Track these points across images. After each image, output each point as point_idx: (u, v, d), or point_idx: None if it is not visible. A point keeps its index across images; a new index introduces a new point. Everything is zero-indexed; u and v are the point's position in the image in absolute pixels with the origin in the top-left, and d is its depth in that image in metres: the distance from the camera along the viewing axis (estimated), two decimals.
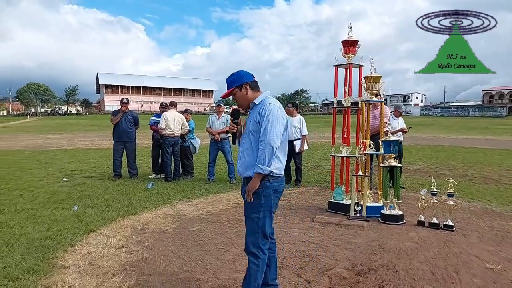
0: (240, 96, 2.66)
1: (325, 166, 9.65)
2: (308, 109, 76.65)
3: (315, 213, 5.12)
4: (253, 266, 2.61)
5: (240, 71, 2.71)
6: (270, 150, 2.46)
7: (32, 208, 5.31)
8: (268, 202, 2.60)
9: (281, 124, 2.54)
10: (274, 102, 2.61)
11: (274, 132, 2.47)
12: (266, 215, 2.60)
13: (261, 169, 2.47)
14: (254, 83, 2.68)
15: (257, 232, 2.60)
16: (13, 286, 2.95)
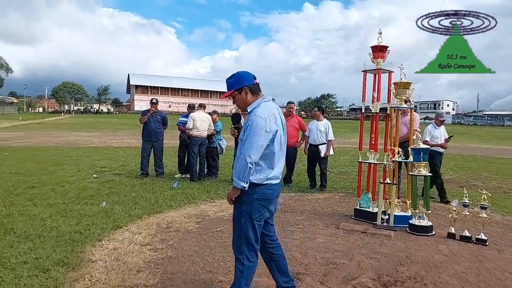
0: (239, 99, 2.61)
1: (351, 173, 9.49)
2: (334, 113, 75.74)
3: (340, 220, 5.03)
4: (237, 272, 2.58)
5: (241, 72, 2.63)
6: (243, 165, 2.39)
7: (63, 203, 5.50)
8: (249, 208, 2.50)
9: (262, 137, 2.41)
10: (260, 112, 2.46)
11: (252, 147, 2.39)
12: (247, 222, 2.52)
13: (235, 182, 2.44)
14: (255, 86, 2.60)
15: (241, 238, 2.56)
16: (44, 277, 3.06)
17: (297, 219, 5.10)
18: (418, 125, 6.19)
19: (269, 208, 2.61)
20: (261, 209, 2.54)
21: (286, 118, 7.52)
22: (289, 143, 7.42)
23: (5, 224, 4.39)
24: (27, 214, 4.85)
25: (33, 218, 4.69)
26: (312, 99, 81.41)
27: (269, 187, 2.55)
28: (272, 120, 2.48)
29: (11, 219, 4.58)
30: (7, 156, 11.07)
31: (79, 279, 3.07)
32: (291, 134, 7.45)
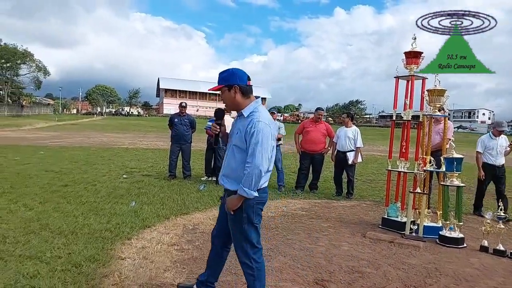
0: (227, 97, 2.48)
1: (379, 181, 9.30)
2: (362, 120, 74.46)
3: (366, 229, 4.94)
4: (249, 277, 2.56)
5: (235, 69, 2.51)
6: (257, 174, 2.33)
7: (94, 201, 5.71)
8: (250, 214, 2.48)
9: (270, 145, 2.38)
10: (263, 118, 2.38)
11: (264, 156, 2.33)
12: (249, 227, 2.50)
13: (246, 192, 2.35)
14: (247, 88, 2.46)
15: (244, 244, 2.54)
16: (76, 271, 3.19)
17: (322, 226, 5.05)
18: (452, 134, 6.00)
19: (262, 210, 2.63)
20: (259, 212, 2.57)
21: (314, 124, 7.48)
22: (316, 149, 7.39)
23: (41, 220, 4.60)
24: (61, 211, 5.07)
25: (67, 215, 4.89)
26: (340, 106, 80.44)
27: (265, 190, 2.56)
28: (273, 126, 2.46)
29: (46, 215, 4.80)
30: (43, 155, 11.60)
31: (108, 275, 3.18)
32: (318, 140, 7.40)
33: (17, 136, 20.78)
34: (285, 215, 5.52)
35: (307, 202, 6.59)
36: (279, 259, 3.74)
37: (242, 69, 2.51)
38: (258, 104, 2.49)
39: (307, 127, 7.53)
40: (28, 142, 16.26)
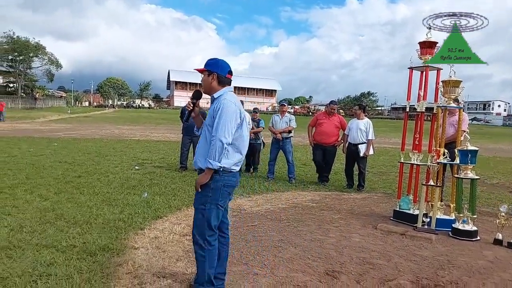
0: (205, 80, 2.70)
1: (390, 173, 9.23)
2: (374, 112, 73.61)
3: (377, 221, 4.92)
4: (200, 258, 2.66)
5: (221, 61, 2.73)
6: (220, 146, 2.47)
7: (107, 192, 5.80)
8: (216, 195, 2.60)
9: (233, 120, 2.54)
10: (230, 98, 2.61)
11: (226, 128, 2.49)
12: (212, 208, 2.61)
13: (211, 164, 2.48)
14: (224, 79, 2.69)
15: (203, 224, 2.62)
16: (91, 260, 3.25)
17: (333, 217, 5.05)
18: (467, 126, 5.90)
19: (231, 195, 2.74)
20: (226, 196, 2.68)
21: (327, 117, 7.44)
22: (328, 141, 7.35)
23: (56, 210, 4.70)
24: (75, 201, 5.16)
25: (81, 205, 4.98)
26: (351, 97, 79.61)
27: (234, 175, 2.66)
28: (239, 106, 2.63)
29: (61, 206, 4.89)
30: (56, 146, 11.80)
31: (122, 264, 3.24)
32: (331, 133, 7.36)
33: (32, 128, 21.15)
34: (296, 207, 5.53)
35: (317, 194, 6.58)
36: (290, 250, 3.76)
37: (227, 63, 2.73)
38: (229, 89, 2.70)
39: (320, 120, 7.50)
40: (42, 134, 16.54)
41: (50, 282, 2.81)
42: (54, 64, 58.20)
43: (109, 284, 2.87)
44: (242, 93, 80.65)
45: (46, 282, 2.81)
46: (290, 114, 8.01)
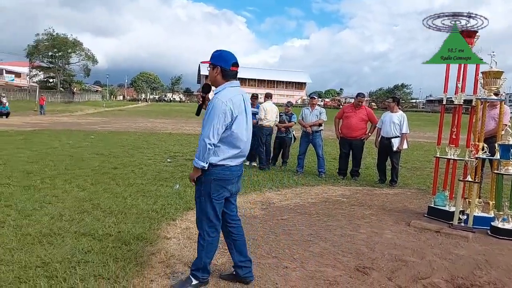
0: (210, 73, 2.69)
1: (425, 168, 8.92)
2: (408, 105, 71.21)
3: (411, 217, 4.79)
4: (199, 246, 2.74)
5: (225, 53, 2.68)
6: (203, 146, 2.49)
7: (141, 183, 5.98)
8: (207, 188, 2.63)
9: (221, 121, 2.50)
10: (222, 96, 2.55)
11: (212, 129, 2.48)
12: (206, 200, 2.65)
13: (196, 162, 2.55)
14: (228, 72, 2.64)
15: (202, 215, 2.71)
16: (126, 249, 3.38)
17: (364, 213, 4.96)
18: (509, 119, 5.59)
19: (228, 188, 2.71)
20: (219, 189, 2.65)
21: (354, 110, 7.27)
22: (355, 135, 7.20)
23: (93, 200, 4.90)
24: (111, 192, 5.37)
25: (116, 195, 5.17)
26: (384, 90, 77.39)
27: (227, 168, 2.64)
28: (232, 104, 2.55)
29: (97, 196, 5.10)
30: (93, 139, 12.28)
31: (155, 253, 3.34)
32: (357, 126, 7.20)
33: (70, 121, 22.13)
34: (326, 201, 5.48)
35: (348, 189, 6.48)
36: (320, 245, 3.73)
37: (232, 54, 2.68)
38: (230, 85, 2.65)
39: (347, 112, 7.34)
40: (80, 127, 17.27)
41: (87, 269, 2.94)
42: (90, 60, 60.42)
43: (143, 272, 2.97)
44: (271, 86, 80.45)
45: (84, 269, 2.95)
46: (320, 107, 7.90)
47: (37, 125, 17.59)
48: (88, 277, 2.82)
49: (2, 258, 3.06)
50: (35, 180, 5.82)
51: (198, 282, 2.76)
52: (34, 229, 3.75)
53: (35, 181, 5.79)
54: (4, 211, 4.28)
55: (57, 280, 2.76)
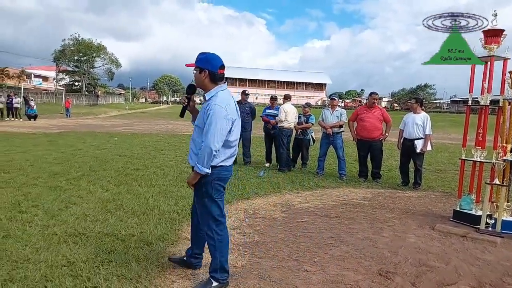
0: (197, 77, 2.68)
1: (449, 171, 8.67)
2: (432, 106, 69.43)
3: (435, 221, 4.66)
4: (210, 246, 2.79)
5: (211, 55, 2.67)
6: (209, 153, 2.52)
7: (163, 184, 6.07)
8: (209, 189, 2.68)
9: (224, 128, 2.55)
10: (220, 102, 2.57)
11: (215, 136, 2.51)
12: (210, 201, 2.71)
13: (199, 169, 2.56)
14: (216, 75, 2.64)
15: (207, 216, 2.75)
16: (148, 249, 3.43)
17: (386, 216, 4.86)
18: None
19: (224, 186, 2.82)
20: (220, 188, 2.75)
21: (368, 110, 7.16)
22: (372, 135, 7.07)
23: (116, 200, 5.01)
24: (133, 193, 5.47)
25: (139, 196, 5.26)
26: (407, 90, 75.77)
27: (225, 168, 2.73)
28: (230, 108, 2.62)
29: (120, 197, 5.21)
30: (117, 141, 12.56)
31: (176, 253, 3.38)
32: (374, 127, 7.07)
33: (94, 123, 22.71)
34: (347, 204, 5.41)
35: (369, 191, 6.37)
36: (341, 248, 3.68)
37: (219, 57, 2.69)
38: (220, 89, 2.67)
39: (361, 114, 7.23)
40: (104, 129, 17.70)
41: (110, 269, 3.01)
42: (114, 63, 61.98)
43: (164, 273, 3.01)
44: (291, 87, 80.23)
45: (107, 268, 3.01)
46: (341, 108, 7.81)
47: (63, 127, 18.15)
48: (111, 276, 2.88)
49: (30, 257, 3.17)
50: (61, 181, 6.00)
51: (218, 284, 2.77)
52: (60, 229, 3.86)
53: (61, 182, 5.97)
54: (32, 211, 4.43)
55: (81, 279, 2.83)
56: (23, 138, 12.66)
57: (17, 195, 5.09)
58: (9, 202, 4.74)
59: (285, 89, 76.55)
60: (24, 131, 15.44)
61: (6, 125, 18.53)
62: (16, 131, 15.32)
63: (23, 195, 5.07)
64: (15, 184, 5.72)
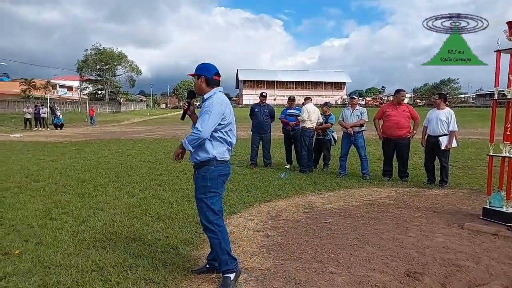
0: (196, 83, 3.00)
1: (477, 167, 8.40)
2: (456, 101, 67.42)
3: (464, 219, 4.53)
4: (214, 241, 2.94)
5: (207, 64, 3.02)
6: (197, 137, 2.78)
7: (186, 188, 6.15)
8: (214, 184, 2.89)
9: (216, 120, 2.81)
10: (217, 98, 2.88)
11: (207, 124, 2.77)
12: (212, 195, 2.90)
13: (186, 144, 2.85)
14: (212, 80, 2.96)
15: (207, 211, 2.90)
16: (174, 253, 3.49)
17: (412, 215, 4.76)
18: None
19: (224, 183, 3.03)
20: (222, 184, 2.98)
21: (395, 108, 7.01)
22: (400, 133, 6.93)
23: (142, 205, 5.12)
24: (158, 197, 5.58)
25: (163, 201, 5.36)
26: (429, 86, 73.89)
27: (227, 165, 3.00)
28: (225, 105, 2.89)
29: (146, 202, 5.32)
30: (140, 147, 12.82)
31: (201, 257, 3.42)
32: (401, 124, 6.92)
33: (118, 130, 23.27)
34: (371, 204, 5.33)
35: (394, 190, 6.26)
36: (366, 249, 3.64)
37: (214, 66, 3.04)
38: (217, 91, 2.98)
39: (388, 111, 7.08)
40: (127, 136, 18.10)
41: (138, 273, 3.08)
42: (135, 71, 63.39)
43: (190, 277, 3.05)
44: (309, 87, 79.71)
45: (135, 273, 3.08)
46: (361, 107, 7.69)
47: (88, 135, 18.69)
48: (139, 280, 2.95)
49: (61, 262, 3.28)
50: (88, 188, 6.19)
51: (234, 274, 2.91)
52: (89, 234, 3.99)
53: (88, 188, 6.15)
54: (62, 218, 4.59)
55: (111, 284, 2.91)
56: (51, 147, 13.11)
57: (47, 202, 5.29)
58: (40, 210, 4.92)
59: (303, 89, 76.15)
60: (52, 140, 15.99)
61: (35, 134, 19.24)
62: (44, 140, 15.89)
63: (54, 203, 5.26)
64: (45, 192, 5.94)
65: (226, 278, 2.89)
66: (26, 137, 17.23)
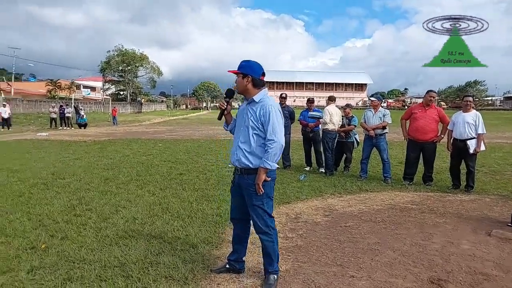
0: (240, 82, 2.84)
1: (505, 172, 8.11)
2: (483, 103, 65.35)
3: (492, 226, 4.37)
4: (269, 243, 2.89)
5: (254, 63, 2.86)
6: (280, 148, 2.71)
7: (206, 188, 6.20)
8: (269, 190, 2.86)
9: (281, 123, 2.77)
10: (273, 103, 2.80)
11: (281, 132, 2.72)
12: (268, 201, 2.88)
13: (270, 165, 2.71)
14: (258, 81, 2.83)
15: (264, 216, 2.86)
16: (193, 252, 3.52)
17: (436, 221, 4.63)
18: None
19: None
20: (273, 187, 2.96)
21: (423, 109, 6.82)
22: (426, 137, 6.73)
23: (162, 204, 5.19)
24: (178, 196, 5.63)
25: (183, 200, 5.41)
26: (454, 88, 71.94)
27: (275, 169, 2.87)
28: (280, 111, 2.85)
29: (166, 200, 5.39)
30: (161, 147, 13.01)
31: (220, 257, 3.43)
32: (428, 128, 6.72)
33: (139, 130, 23.68)
34: (393, 208, 5.21)
35: (417, 195, 6.10)
36: (388, 254, 3.56)
37: (260, 65, 2.88)
38: (266, 92, 2.91)
39: (416, 113, 6.87)
40: (148, 136, 18.40)
41: (159, 270, 3.11)
42: (156, 72, 64.46)
43: (210, 275, 3.07)
44: (330, 89, 78.98)
45: (156, 270, 3.12)
46: (384, 109, 7.54)
47: (111, 135, 19.10)
48: (160, 278, 2.99)
49: (85, 257, 3.36)
50: (111, 186, 6.32)
51: (277, 274, 2.96)
52: (111, 231, 4.06)
53: (111, 186, 6.28)
54: (86, 214, 4.70)
55: (132, 280, 2.95)
56: (75, 145, 13.47)
57: (72, 199, 5.43)
58: (65, 206, 5.06)
59: (323, 90, 75.57)
60: (76, 139, 16.43)
61: (60, 133, 19.82)
62: (68, 139, 16.35)
63: (78, 199, 5.39)
64: (70, 189, 6.10)
65: (272, 278, 2.90)
66: (52, 136, 17.76)
